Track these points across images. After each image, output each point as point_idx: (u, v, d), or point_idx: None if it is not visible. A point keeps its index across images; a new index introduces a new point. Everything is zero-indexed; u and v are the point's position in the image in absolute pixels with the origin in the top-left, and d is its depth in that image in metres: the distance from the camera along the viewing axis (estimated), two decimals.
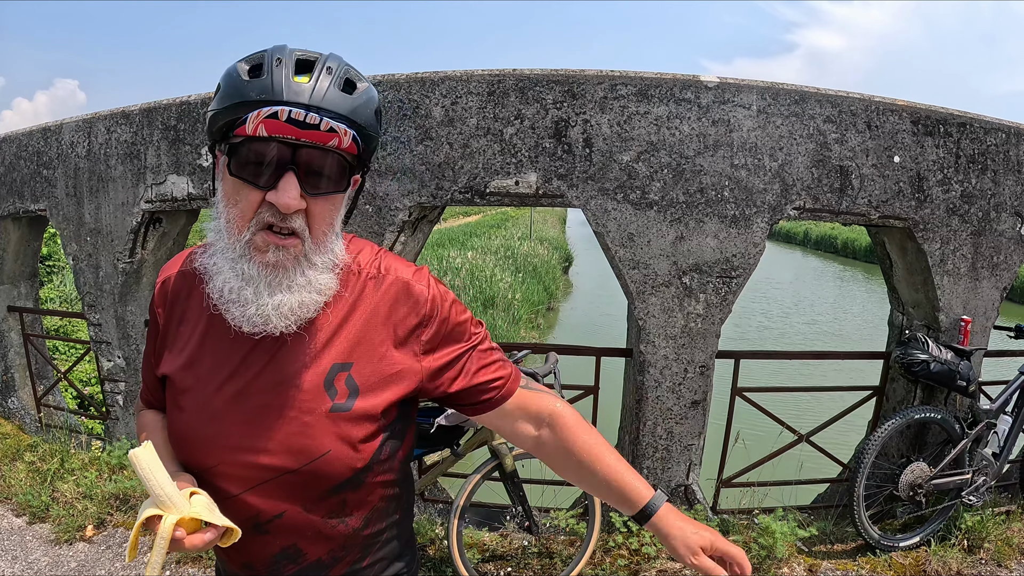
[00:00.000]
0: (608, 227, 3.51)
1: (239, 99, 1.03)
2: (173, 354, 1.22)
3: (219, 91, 1.08)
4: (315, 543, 1.21)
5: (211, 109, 1.09)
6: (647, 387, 3.66)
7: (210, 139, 1.13)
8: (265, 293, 1.09)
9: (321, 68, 1.05)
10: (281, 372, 1.14)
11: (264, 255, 1.08)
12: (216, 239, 1.13)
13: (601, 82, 3.40)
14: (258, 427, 1.13)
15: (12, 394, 5.46)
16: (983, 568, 3.57)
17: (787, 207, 3.54)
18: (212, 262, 1.13)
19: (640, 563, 3.51)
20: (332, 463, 1.14)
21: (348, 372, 1.16)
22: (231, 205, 1.09)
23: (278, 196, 1.04)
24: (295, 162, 1.05)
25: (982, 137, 3.67)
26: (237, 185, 1.07)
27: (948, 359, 3.56)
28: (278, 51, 1.06)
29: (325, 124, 1.03)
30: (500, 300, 15.88)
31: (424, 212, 3.73)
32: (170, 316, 1.23)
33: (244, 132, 1.03)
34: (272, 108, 1.01)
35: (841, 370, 9.52)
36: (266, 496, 1.15)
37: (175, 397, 1.20)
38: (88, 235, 4.46)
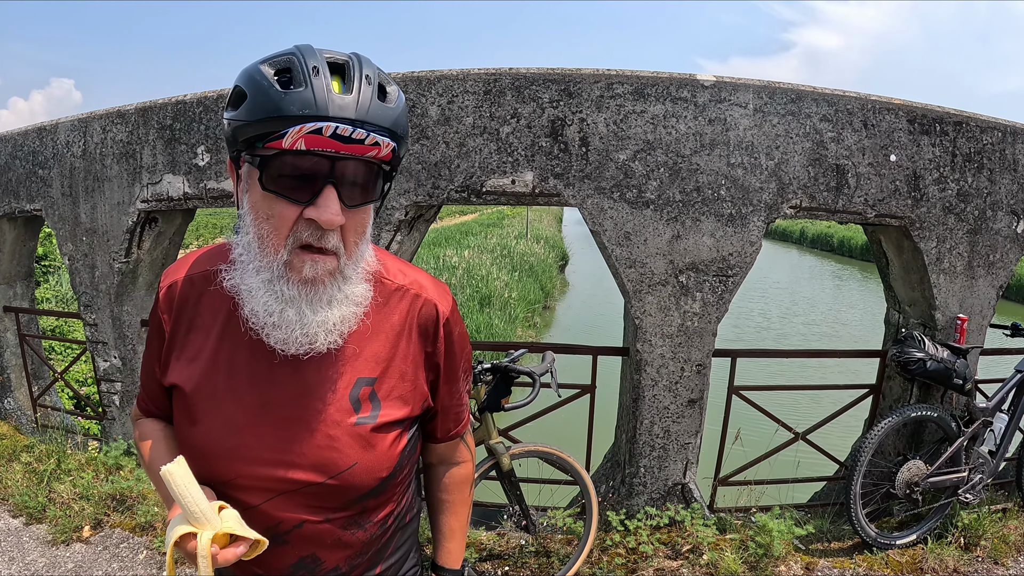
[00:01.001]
0: (604, 226, 3.51)
1: (276, 113, 0.96)
2: (183, 363, 1.17)
3: (245, 100, 1.00)
4: (333, 551, 1.21)
5: (237, 119, 1.01)
6: (644, 386, 3.66)
7: (232, 149, 1.06)
8: (308, 312, 1.06)
9: (359, 77, 1.00)
10: (306, 384, 1.13)
11: (299, 272, 1.04)
12: (246, 256, 1.07)
13: (597, 81, 3.40)
14: (282, 440, 1.12)
15: (8, 395, 5.45)
16: (979, 566, 3.58)
17: (783, 206, 3.54)
18: (243, 282, 1.08)
19: (637, 561, 3.51)
20: (358, 475, 1.15)
21: (372, 387, 1.17)
22: (262, 220, 1.03)
23: (320, 212, 1.00)
24: (334, 175, 1.00)
25: (978, 136, 3.67)
26: (270, 199, 1.02)
27: (944, 357, 3.57)
28: (308, 55, 0.99)
29: (370, 139, 0.98)
30: (496, 299, 15.88)
31: (420, 211, 3.73)
32: (177, 323, 1.18)
33: (279, 145, 0.97)
34: (316, 124, 0.94)
35: (838, 369, 9.54)
36: (286, 507, 1.14)
37: (188, 408, 1.15)
38: (84, 235, 4.45)
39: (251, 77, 0.99)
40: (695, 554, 3.55)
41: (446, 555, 1.47)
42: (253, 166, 1.02)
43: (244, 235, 1.07)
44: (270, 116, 0.96)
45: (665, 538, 3.65)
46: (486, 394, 3.16)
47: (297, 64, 0.98)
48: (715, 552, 3.51)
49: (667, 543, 3.63)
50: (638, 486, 3.79)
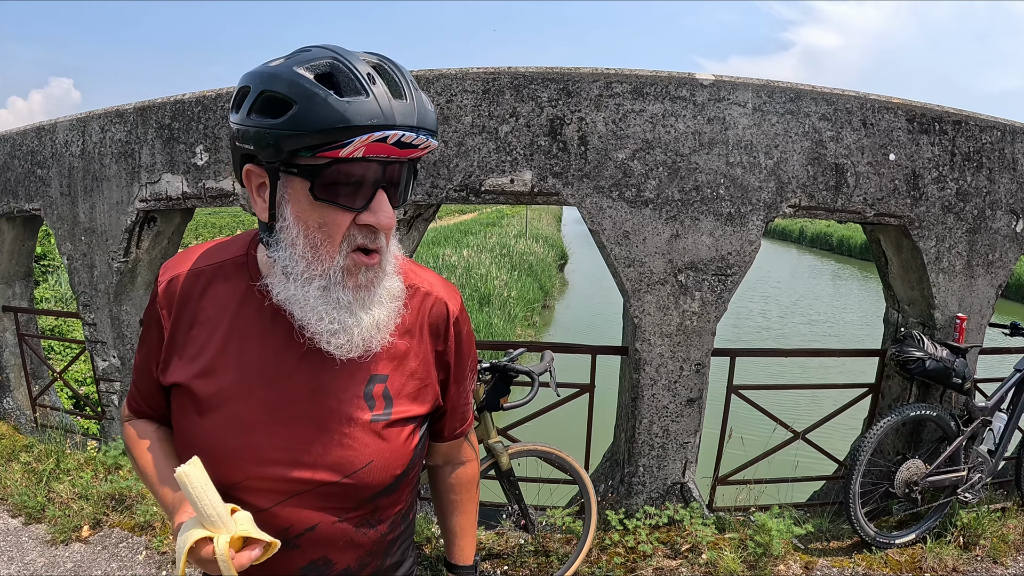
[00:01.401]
0: (603, 225, 3.51)
1: (342, 124, 0.93)
2: (185, 360, 1.14)
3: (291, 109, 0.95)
4: (345, 552, 1.20)
5: (282, 129, 0.96)
6: (643, 385, 3.66)
7: (270, 159, 1.01)
8: (363, 315, 1.07)
9: (407, 83, 1.00)
10: (319, 382, 1.12)
11: (355, 278, 1.06)
12: (294, 267, 1.05)
13: (596, 80, 3.40)
14: (295, 439, 1.10)
15: (7, 394, 5.45)
16: (979, 565, 3.58)
17: (782, 205, 3.54)
18: (294, 293, 1.06)
19: (636, 561, 3.51)
20: (373, 473, 1.15)
21: (385, 384, 1.17)
22: (313, 229, 1.02)
23: (378, 218, 1.02)
24: (385, 180, 1.02)
25: (977, 135, 3.67)
26: (319, 207, 1.01)
27: (944, 356, 3.57)
28: (353, 60, 0.98)
29: (425, 144, 1.00)
30: (496, 298, 15.88)
31: (419, 210, 3.73)
32: (179, 318, 1.15)
33: (335, 155, 0.96)
34: (383, 133, 0.95)
35: (838, 368, 9.55)
36: (298, 509, 1.12)
37: (192, 407, 1.12)
38: (83, 234, 4.45)
39: (295, 84, 0.96)
40: (694, 553, 3.55)
41: (460, 553, 1.49)
42: (298, 176, 1.00)
43: (289, 247, 1.05)
44: (335, 127, 0.94)
45: (664, 537, 3.65)
46: (485, 393, 3.16)
47: (345, 70, 0.97)
48: (714, 551, 3.51)
49: (666, 542, 3.63)
50: (637, 485, 3.79)
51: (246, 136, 1.01)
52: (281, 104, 0.97)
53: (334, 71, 0.97)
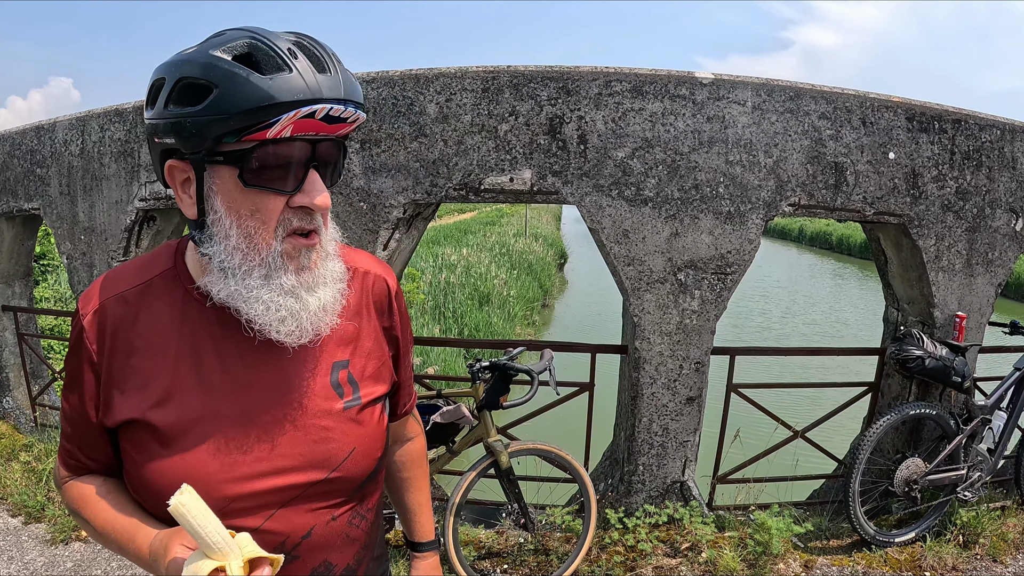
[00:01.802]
0: (603, 224, 3.51)
1: (267, 102, 0.90)
2: (131, 393, 1.04)
3: (211, 94, 0.91)
4: (343, 551, 1.17)
5: (202, 115, 0.92)
6: (642, 384, 3.66)
7: (191, 148, 0.96)
8: (309, 299, 1.04)
9: (328, 56, 0.98)
10: (284, 382, 1.08)
11: (296, 261, 1.03)
12: (232, 261, 1.00)
13: (596, 78, 3.39)
14: (274, 445, 1.06)
15: (7, 394, 5.44)
16: (978, 563, 3.58)
17: (782, 203, 3.54)
18: (236, 288, 1.01)
19: (636, 559, 3.51)
20: (358, 461, 1.13)
21: (347, 369, 1.15)
22: (246, 217, 0.98)
23: (311, 198, 0.99)
24: (316, 158, 0.99)
25: (977, 134, 3.67)
26: (251, 194, 0.97)
27: (943, 355, 3.57)
28: (272, 38, 0.95)
29: (354, 116, 0.99)
30: (495, 297, 15.88)
31: (419, 209, 3.72)
32: (113, 351, 1.05)
33: (262, 136, 0.92)
34: (312, 107, 0.92)
35: (838, 368, 9.55)
36: (291, 518, 1.08)
37: (152, 441, 1.03)
38: (82, 234, 4.45)
39: (213, 67, 0.92)
40: (694, 552, 3.55)
41: (421, 529, 1.50)
42: (224, 164, 0.96)
43: (222, 240, 1.00)
44: (260, 105, 0.90)
45: (664, 536, 3.65)
46: (485, 392, 3.16)
47: (264, 48, 0.94)
48: (714, 550, 3.51)
49: (666, 541, 3.63)
50: (637, 484, 3.79)
51: (165, 129, 0.96)
52: (200, 90, 0.93)
53: (253, 50, 0.94)
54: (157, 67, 0.99)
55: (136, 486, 1.07)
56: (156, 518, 1.05)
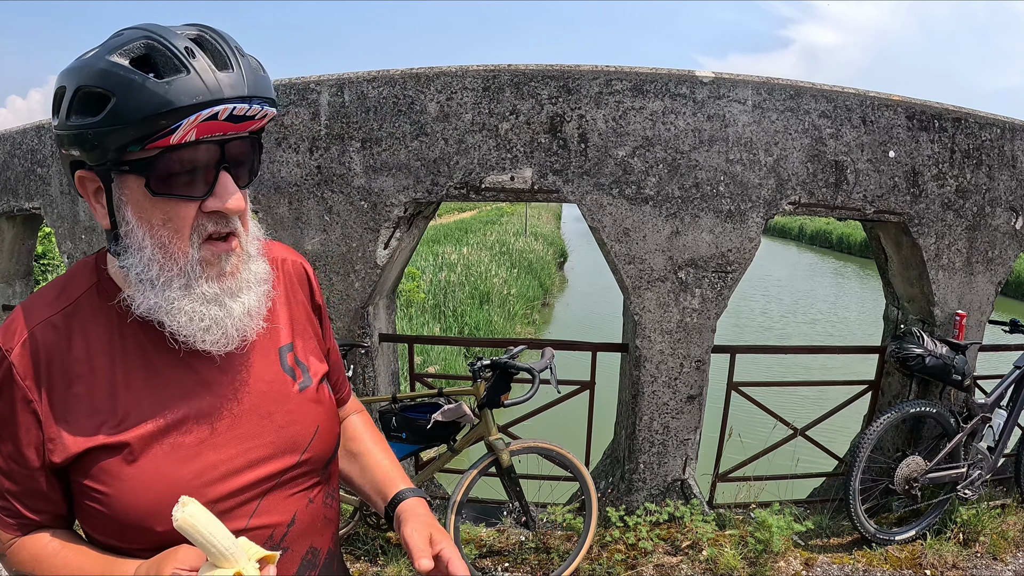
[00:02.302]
0: (604, 222, 3.51)
1: (165, 108, 0.86)
2: (81, 423, 0.97)
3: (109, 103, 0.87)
4: (323, 534, 1.18)
5: (102, 126, 0.88)
6: (643, 382, 3.66)
7: (96, 160, 0.93)
8: (234, 305, 1.00)
9: (231, 51, 0.93)
10: (241, 374, 1.07)
11: (216, 267, 0.98)
12: (148, 272, 0.96)
13: (596, 77, 3.40)
14: (242, 439, 1.04)
15: None
16: (978, 561, 3.59)
17: (782, 202, 3.54)
18: (156, 300, 0.96)
19: (637, 557, 3.51)
20: (323, 438, 1.14)
21: (293, 352, 1.15)
22: (158, 227, 0.94)
23: (224, 202, 0.94)
24: (226, 159, 0.95)
25: (977, 132, 3.67)
26: (160, 203, 0.93)
27: (943, 353, 3.57)
28: (168, 36, 0.90)
29: (262, 113, 0.94)
30: (495, 296, 15.89)
31: (419, 208, 3.73)
32: (51, 383, 0.97)
33: (166, 143, 0.88)
34: (213, 108, 0.88)
35: (839, 366, 9.55)
36: (273, 509, 1.07)
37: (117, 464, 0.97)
38: (83, 233, 4.44)
39: (109, 74, 0.87)
40: (695, 550, 3.56)
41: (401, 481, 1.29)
42: (131, 173, 0.92)
43: (137, 252, 0.96)
44: (158, 112, 0.86)
45: (665, 534, 3.66)
46: (485, 390, 3.17)
47: (161, 48, 0.89)
48: (714, 548, 3.52)
49: (667, 539, 3.64)
50: (637, 482, 3.79)
51: (69, 140, 0.92)
52: (99, 99, 0.88)
53: (150, 51, 0.89)
54: (60, 73, 0.95)
55: (103, 522, 0.99)
56: (128, 553, 1.00)
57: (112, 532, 1.00)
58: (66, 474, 1.00)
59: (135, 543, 0.99)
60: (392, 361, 4.13)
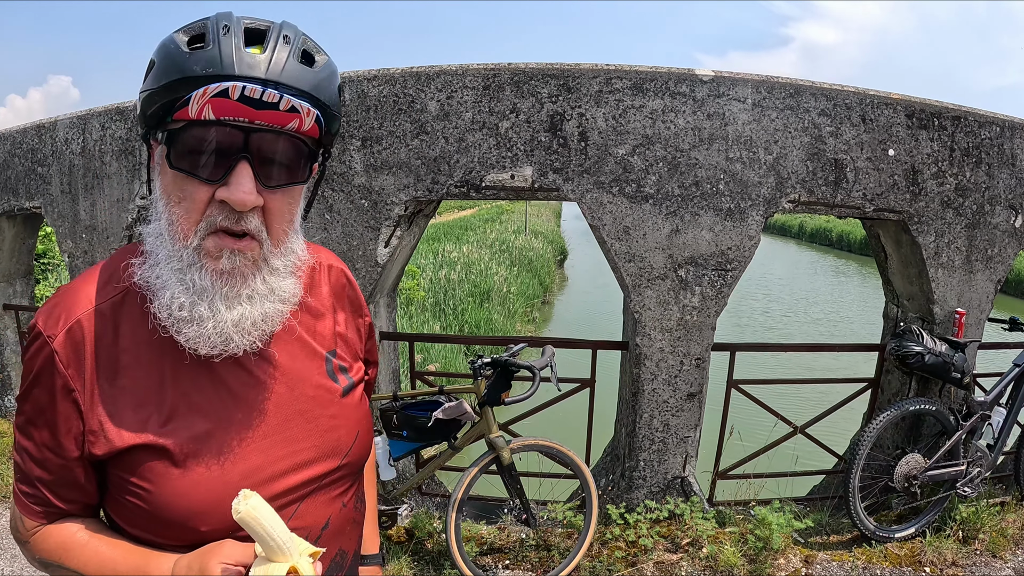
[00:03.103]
0: (604, 220, 3.52)
1: (179, 75, 0.86)
2: (126, 416, 0.95)
3: (153, 67, 0.90)
4: (351, 537, 1.18)
5: (144, 89, 0.91)
6: (643, 380, 3.67)
7: (143, 126, 0.94)
8: (223, 307, 0.93)
9: (276, 37, 0.90)
10: (290, 377, 1.05)
11: (217, 262, 0.93)
12: (157, 246, 0.95)
13: (596, 76, 3.40)
14: (288, 442, 1.03)
15: (8, 392, 5.45)
16: (978, 559, 3.59)
17: (782, 200, 3.55)
18: (155, 274, 0.94)
19: (637, 555, 3.52)
20: (362, 443, 1.14)
21: (336, 358, 1.14)
22: (173, 203, 0.92)
23: (231, 192, 0.89)
24: (248, 149, 0.89)
25: (976, 131, 3.68)
26: (179, 179, 0.91)
27: (942, 351, 3.58)
28: (223, 17, 0.89)
29: (285, 102, 0.88)
30: (496, 293, 15.91)
31: (420, 206, 3.73)
32: (97, 372, 0.95)
33: (186, 115, 0.86)
34: (222, 84, 0.84)
35: (838, 364, 9.55)
36: (312, 512, 1.06)
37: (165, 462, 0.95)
38: (83, 232, 4.45)
39: (163, 44, 0.90)
40: (695, 547, 3.57)
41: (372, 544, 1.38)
42: (161, 142, 0.91)
43: (154, 222, 0.95)
44: (173, 80, 0.86)
45: (665, 531, 3.67)
46: (486, 388, 3.18)
47: (211, 26, 0.89)
48: (714, 545, 3.53)
49: (667, 536, 3.65)
50: (638, 480, 3.80)
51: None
52: (151, 67, 0.91)
53: (204, 31, 0.89)
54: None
55: (141, 517, 0.97)
56: (161, 548, 0.98)
57: (149, 527, 0.98)
58: (103, 466, 0.98)
59: (173, 540, 0.97)
60: (393, 359, 4.14)
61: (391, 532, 3.60)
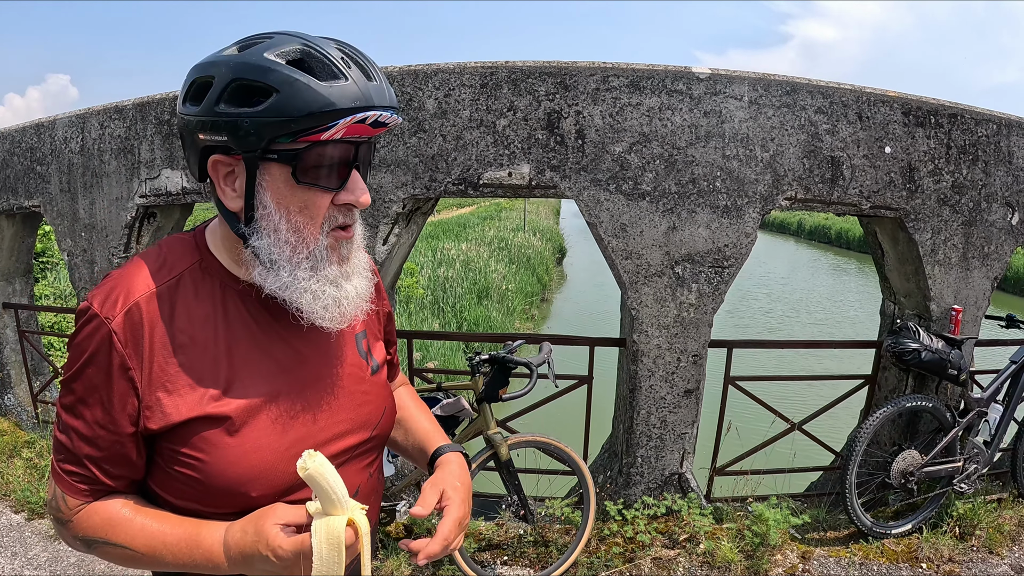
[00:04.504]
0: (601, 218, 3.53)
1: (327, 108, 0.95)
2: (183, 392, 1.03)
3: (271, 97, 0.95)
4: (374, 506, 1.26)
5: (263, 116, 0.96)
6: (641, 376, 3.68)
7: (242, 148, 0.99)
8: (348, 287, 1.10)
9: (370, 65, 1.03)
10: (329, 355, 1.17)
11: (338, 253, 1.09)
12: (280, 253, 1.04)
13: (593, 74, 3.41)
14: (329, 413, 1.14)
15: (8, 391, 5.46)
16: (974, 555, 3.61)
17: (778, 197, 3.56)
18: (286, 279, 1.04)
19: (635, 550, 3.53)
20: (388, 418, 1.28)
21: (366, 339, 1.28)
22: (295, 213, 1.03)
23: (356, 196, 1.05)
24: (359, 159, 1.06)
25: (973, 128, 3.69)
26: (301, 191, 1.02)
27: (939, 348, 3.58)
28: (323, 46, 0.99)
29: (394, 121, 1.04)
30: (494, 291, 15.91)
31: (418, 204, 3.74)
32: (152, 353, 1.02)
33: (317, 138, 0.97)
34: (365, 114, 0.98)
35: (837, 362, 9.57)
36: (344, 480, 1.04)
37: (220, 434, 1.03)
38: (83, 230, 4.46)
39: (272, 72, 0.95)
40: (692, 543, 3.58)
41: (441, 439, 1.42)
42: (279, 162, 1.00)
43: (272, 233, 1.03)
44: (321, 111, 0.95)
45: (662, 527, 3.68)
46: (484, 385, 3.19)
47: (317, 55, 0.98)
48: (712, 541, 3.54)
49: (664, 532, 3.66)
50: (635, 476, 3.82)
51: (216, 127, 0.98)
52: (258, 92, 0.96)
53: (306, 57, 0.98)
54: (199, 64, 1.02)
55: (192, 487, 1.04)
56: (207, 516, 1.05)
57: (200, 497, 1.05)
58: (152, 441, 1.06)
59: (223, 507, 1.05)
60: None
61: (390, 528, 3.61)
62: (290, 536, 0.96)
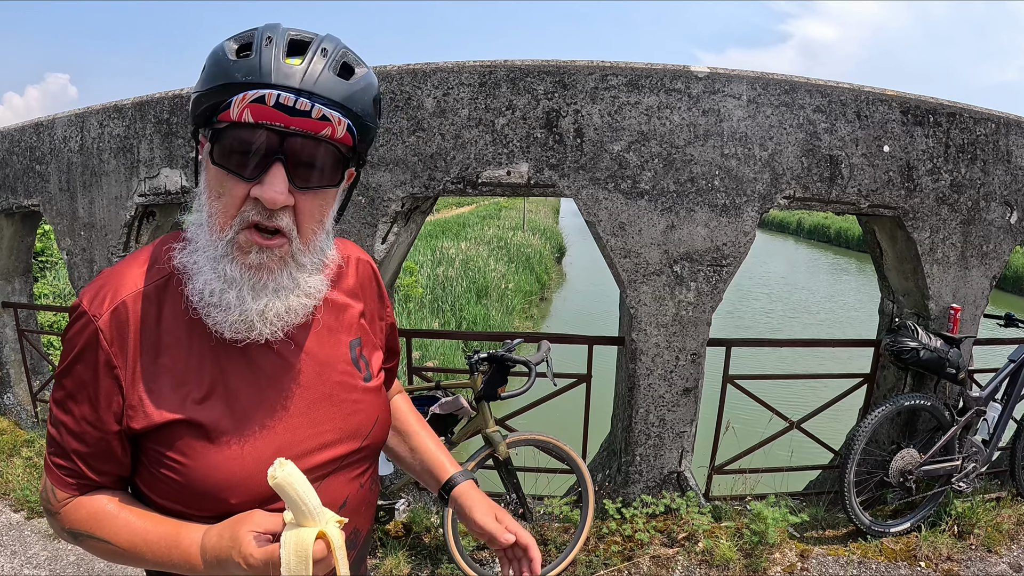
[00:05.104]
0: (599, 216, 3.53)
1: (224, 80, 0.94)
2: (165, 394, 1.02)
3: (204, 71, 0.99)
4: (365, 516, 1.25)
5: (195, 91, 0.99)
6: (639, 375, 3.68)
7: (193, 124, 1.03)
8: (249, 297, 1.01)
9: (315, 50, 0.98)
10: (318, 362, 1.13)
11: (247, 256, 1.00)
12: (197, 234, 1.03)
13: (592, 73, 3.41)
14: (315, 423, 1.11)
15: (8, 390, 5.46)
16: (973, 553, 3.61)
17: (777, 196, 3.56)
18: (192, 260, 1.02)
19: (633, 549, 3.54)
20: (380, 429, 1.23)
21: (360, 346, 1.23)
22: (214, 197, 1.00)
23: (263, 190, 0.96)
24: (283, 152, 0.96)
25: (971, 127, 3.69)
26: (220, 175, 0.98)
27: (938, 347, 3.59)
28: (269, 29, 0.98)
29: (317, 111, 0.95)
30: (493, 290, 15.90)
31: (417, 203, 3.74)
32: (138, 353, 1.02)
33: (228, 117, 0.95)
34: (258, 91, 0.92)
35: (836, 360, 9.57)
36: (332, 490, 1.11)
37: (201, 438, 1.02)
38: (82, 229, 4.46)
39: (214, 51, 0.99)
40: (691, 541, 3.59)
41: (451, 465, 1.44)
42: (208, 141, 0.99)
43: (198, 212, 1.03)
44: (218, 84, 0.95)
45: (661, 526, 3.68)
46: (483, 383, 3.19)
47: (256, 37, 0.97)
48: (710, 539, 3.54)
49: (663, 531, 3.67)
50: (634, 474, 3.82)
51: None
52: (202, 70, 1.00)
53: (251, 39, 0.98)
54: None
55: (174, 489, 1.04)
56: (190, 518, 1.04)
57: (181, 499, 1.04)
58: (138, 440, 1.05)
59: (203, 511, 1.04)
60: None
61: (389, 527, 3.62)
62: (264, 544, 0.95)
